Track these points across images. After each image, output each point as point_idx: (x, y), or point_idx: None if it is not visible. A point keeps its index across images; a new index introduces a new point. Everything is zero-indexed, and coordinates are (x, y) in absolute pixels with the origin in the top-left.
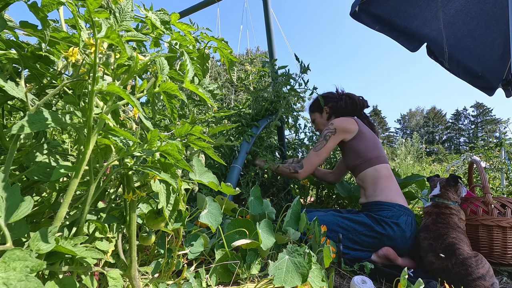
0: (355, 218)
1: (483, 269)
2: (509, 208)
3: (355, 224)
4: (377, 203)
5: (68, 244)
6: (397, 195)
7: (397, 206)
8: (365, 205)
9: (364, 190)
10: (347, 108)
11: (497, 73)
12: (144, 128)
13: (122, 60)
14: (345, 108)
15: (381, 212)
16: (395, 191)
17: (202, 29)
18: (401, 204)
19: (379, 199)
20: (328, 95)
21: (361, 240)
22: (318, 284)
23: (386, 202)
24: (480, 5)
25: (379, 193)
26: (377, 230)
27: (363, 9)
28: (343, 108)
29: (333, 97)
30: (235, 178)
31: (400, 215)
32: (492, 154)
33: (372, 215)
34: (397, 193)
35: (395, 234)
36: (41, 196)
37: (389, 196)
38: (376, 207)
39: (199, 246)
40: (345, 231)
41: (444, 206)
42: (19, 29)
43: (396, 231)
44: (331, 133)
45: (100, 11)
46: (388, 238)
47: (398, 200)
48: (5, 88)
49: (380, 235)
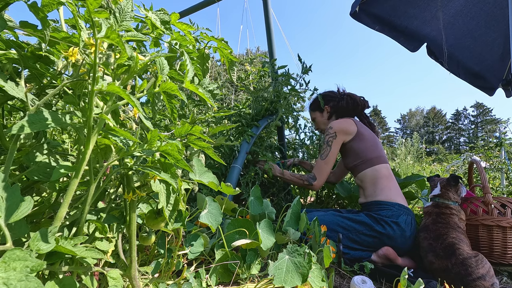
0: (355, 217)
1: (483, 269)
2: (509, 208)
3: (355, 224)
4: (376, 203)
5: (68, 244)
6: (397, 195)
7: (396, 205)
8: (364, 204)
9: (363, 190)
10: (348, 108)
11: (497, 73)
12: (144, 128)
13: (122, 60)
14: (346, 108)
15: (380, 212)
16: (394, 190)
17: (202, 29)
18: (400, 203)
19: (379, 199)
20: (329, 94)
21: (361, 240)
22: (318, 284)
23: (386, 202)
24: (480, 5)
25: (379, 193)
26: (377, 229)
27: (363, 9)
28: (344, 108)
29: (334, 96)
30: (235, 178)
31: (400, 214)
32: (492, 154)
33: (372, 214)
34: (397, 192)
35: (395, 234)
36: (41, 196)
37: (389, 195)
38: (376, 206)
39: (199, 246)
40: (345, 231)
41: (445, 206)
42: (19, 29)
43: (396, 230)
44: (332, 137)
45: (100, 11)
46: (388, 238)
47: (397, 199)
48: (5, 88)
49: (380, 235)
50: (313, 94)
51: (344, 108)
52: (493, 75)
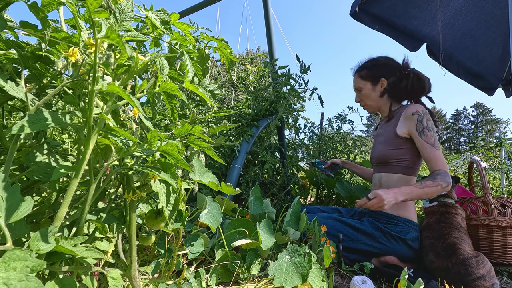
0: (358, 226)
1: (484, 270)
2: (509, 208)
3: (358, 233)
4: (386, 214)
5: (68, 244)
6: (411, 210)
7: (407, 222)
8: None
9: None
10: (413, 90)
11: (497, 73)
12: (144, 128)
13: (122, 60)
14: (409, 90)
15: (389, 226)
16: (410, 205)
17: (202, 29)
18: (411, 220)
19: (390, 212)
20: (391, 63)
21: (361, 249)
22: (318, 284)
23: (396, 216)
24: (480, 5)
25: (394, 204)
26: (380, 241)
27: (363, 9)
28: (408, 90)
29: (397, 68)
30: (235, 178)
31: (408, 232)
32: (492, 154)
33: (379, 225)
34: (411, 207)
35: (401, 249)
36: (41, 196)
37: (403, 211)
38: (385, 218)
39: (199, 246)
40: (347, 238)
41: (451, 205)
42: (19, 29)
43: (402, 246)
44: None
45: (100, 11)
46: (392, 251)
47: (410, 215)
48: (5, 88)
49: (383, 247)
50: (312, 93)
51: (407, 90)
52: (493, 75)
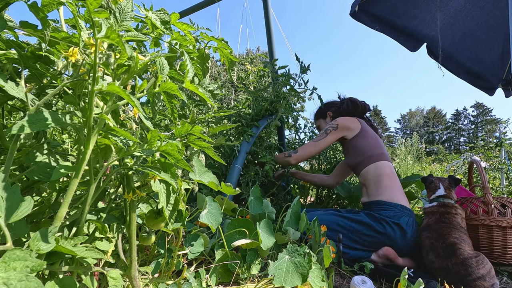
0: (355, 217)
1: (484, 270)
2: (509, 208)
3: (355, 224)
4: (379, 203)
5: (68, 244)
6: (400, 195)
7: (399, 206)
8: (366, 204)
9: (366, 188)
10: (349, 110)
11: (497, 73)
12: (144, 128)
13: (122, 60)
14: (347, 110)
15: (382, 212)
16: (398, 190)
17: (202, 29)
18: (403, 204)
19: (381, 198)
20: (330, 101)
21: (361, 239)
22: (318, 284)
23: (388, 202)
24: (480, 5)
25: (382, 192)
26: (377, 229)
27: (363, 9)
28: (345, 110)
29: (335, 102)
30: (235, 178)
31: (402, 215)
32: (492, 154)
33: (373, 214)
34: (400, 193)
35: (395, 234)
36: (41, 196)
37: (392, 196)
38: (378, 206)
39: (199, 246)
40: (345, 230)
41: (451, 206)
42: (19, 29)
43: (396, 231)
44: (333, 128)
45: (100, 11)
46: (388, 238)
47: (400, 200)
48: (5, 88)
49: (380, 234)
50: (312, 93)
51: (345, 110)
52: (493, 75)
